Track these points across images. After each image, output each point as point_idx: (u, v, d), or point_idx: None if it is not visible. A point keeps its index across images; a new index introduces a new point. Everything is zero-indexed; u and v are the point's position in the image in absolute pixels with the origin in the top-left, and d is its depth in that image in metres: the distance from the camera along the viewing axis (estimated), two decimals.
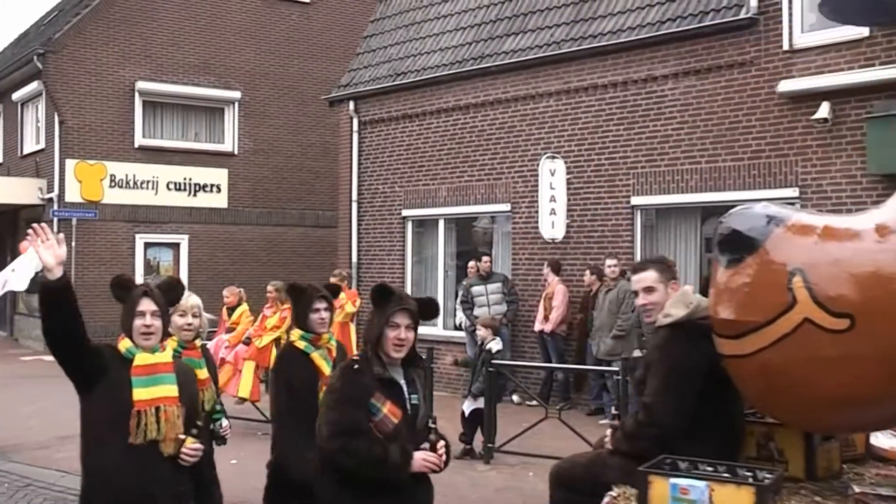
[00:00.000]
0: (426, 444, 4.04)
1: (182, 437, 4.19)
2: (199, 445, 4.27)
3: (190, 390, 4.44)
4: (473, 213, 15.16)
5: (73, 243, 19.07)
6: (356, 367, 4.08)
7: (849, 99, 10.63)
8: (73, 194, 20.13)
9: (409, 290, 15.92)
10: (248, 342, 11.49)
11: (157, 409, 4.12)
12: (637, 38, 12.55)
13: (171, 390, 4.20)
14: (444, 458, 4.09)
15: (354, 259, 16.66)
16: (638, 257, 12.66)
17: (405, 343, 4.10)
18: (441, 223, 15.55)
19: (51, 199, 20.23)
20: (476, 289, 13.49)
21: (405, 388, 4.13)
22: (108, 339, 4.31)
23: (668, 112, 12.36)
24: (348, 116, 16.89)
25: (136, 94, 20.84)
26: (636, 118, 12.67)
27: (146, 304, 4.19)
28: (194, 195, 21.52)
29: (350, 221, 16.80)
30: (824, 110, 10.65)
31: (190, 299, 5.38)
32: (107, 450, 4.07)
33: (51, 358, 4.22)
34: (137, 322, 4.16)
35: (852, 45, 10.63)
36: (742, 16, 11.42)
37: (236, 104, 22.19)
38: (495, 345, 10.01)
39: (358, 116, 16.75)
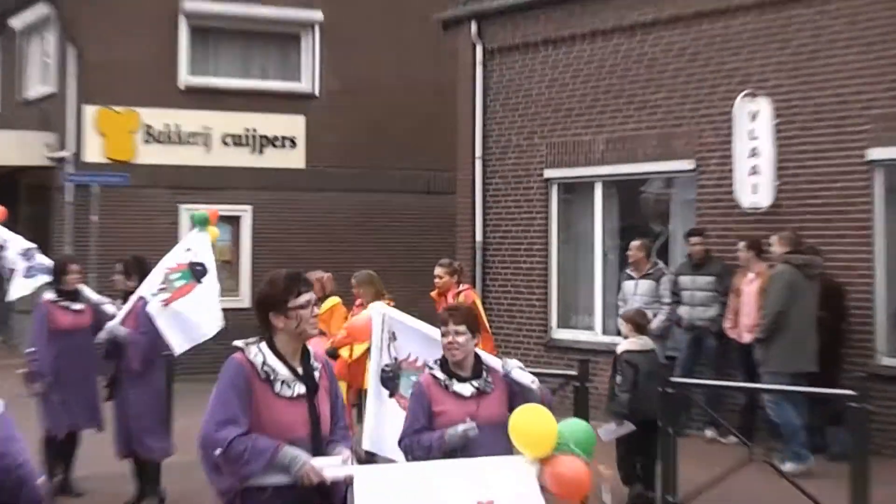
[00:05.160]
0: None
1: None
2: None
3: None
4: (643, 174, 15.82)
5: (95, 217, 20.10)
6: None
7: None
8: (94, 153, 21.43)
9: (554, 278, 16.48)
10: (333, 355, 10.52)
11: None
12: None
13: None
14: None
15: (479, 237, 17.64)
16: (878, 230, 12.92)
17: None
18: (598, 188, 16.27)
19: (63, 160, 21.37)
20: (683, 279, 14.06)
21: None
22: None
23: None
24: (470, 43, 17.84)
25: (182, 18, 21.99)
26: (874, 37, 12.93)
27: None
28: (260, 152, 22.64)
29: (473, 186, 17.78)
30: None
31: None
32: None
33: None
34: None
35: None
36: None
37: (316, 28, 23.24)
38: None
39: (483, 43, 17.67)
